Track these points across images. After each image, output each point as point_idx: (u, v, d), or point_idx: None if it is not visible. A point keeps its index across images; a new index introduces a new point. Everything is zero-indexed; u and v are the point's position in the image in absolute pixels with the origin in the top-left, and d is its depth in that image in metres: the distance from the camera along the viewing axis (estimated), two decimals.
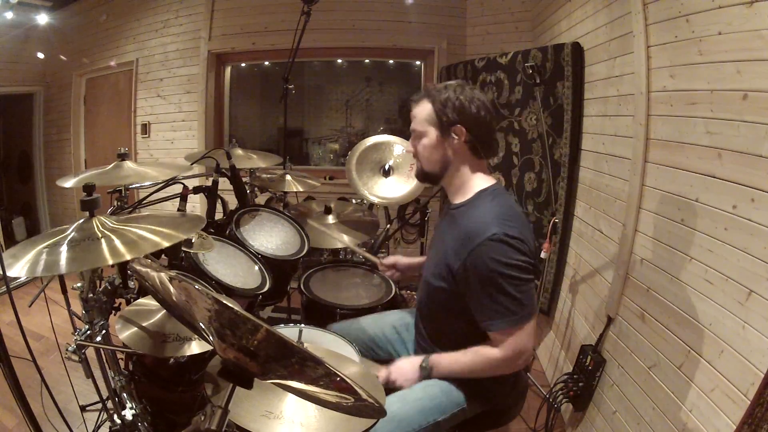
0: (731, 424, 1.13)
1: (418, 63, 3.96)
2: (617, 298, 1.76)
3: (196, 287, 0.67)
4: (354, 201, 2.54)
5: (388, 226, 2.73)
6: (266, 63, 4.21)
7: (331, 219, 2.19)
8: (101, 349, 1.33)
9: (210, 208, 1.85)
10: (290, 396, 0.99)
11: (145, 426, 1.39)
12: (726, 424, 1.15)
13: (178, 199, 1.70)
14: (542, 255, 2.15)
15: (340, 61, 4.21)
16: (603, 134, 2.07)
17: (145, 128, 4.22)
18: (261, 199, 2.40)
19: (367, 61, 4.15)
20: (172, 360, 1.38)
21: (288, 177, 2.32)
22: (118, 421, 1.37)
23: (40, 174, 4.82)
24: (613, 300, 1.79)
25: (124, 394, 1.39)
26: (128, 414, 1.37)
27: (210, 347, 0.92)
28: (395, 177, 2.31)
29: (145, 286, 0.93)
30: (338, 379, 0.67)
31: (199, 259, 1.53)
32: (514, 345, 1.16)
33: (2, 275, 0.91)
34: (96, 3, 4.34)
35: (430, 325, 1.38)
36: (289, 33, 2.38)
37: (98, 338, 1.28)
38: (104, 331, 1.30)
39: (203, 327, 0.74)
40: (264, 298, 1.62)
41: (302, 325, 1.57)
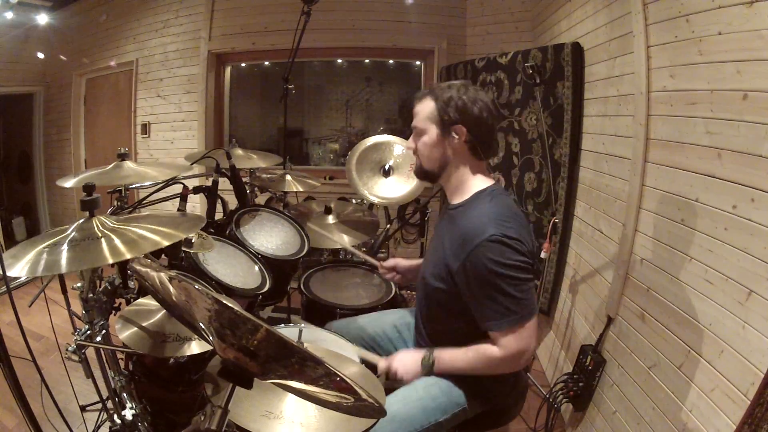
0: (731, 424, 1.13)
1: (418, 63, 3.96)
2: (617, 298, 1.76)
3: (196, 287, 0.67)
4: (354, 201, 2.54)
5: (388, 226, 2.73)
6: (266, 63, 4.21)
7: (331, 219, 2.19)
8: (101, 349, 1.33)
9: (210, 208, 1.85)
10: (290, 396, 0.99)
11: (145, 426, 1.39)
12: (726, 424, 1.15)
13: (178, 199, 1.70)
14: (542, 255, 2.15)
15: (340, 61, 4.21)
16: (603, 134, 2.07)
17: (145, 128, 4.22)
18: (261, 199, 2.41)
19: (367, 61, 4.15)
20: (172, 360, 1.38)
21: (288, 177, 2.32)
22: (118, 421, 1.37)
23: (40, 174, 4.82)
24: (613, 300, 1.79)
25: (124, 394, 1.39)
26: (128, 414, 1.37)
27: (210, 347, 0.92)
28: (395, 177, 2.31)
29: (145, 286, 0.93)
30: (338, 379, 0.67)
31: (199, 259, 1.53)
32: (515, 344, 1.16)
33: (2, 275, 0.91)
34: (96, 3, 4.35)
35: (430, 325, 1.38)
36: (289, 33, 2.38)
37: (98, 338, 1.28)
38: (104, 331, 1.30)
39: (203, 327, 0.74)
40: (264, 298, 1.62)
41: (302, 324, 1.57)
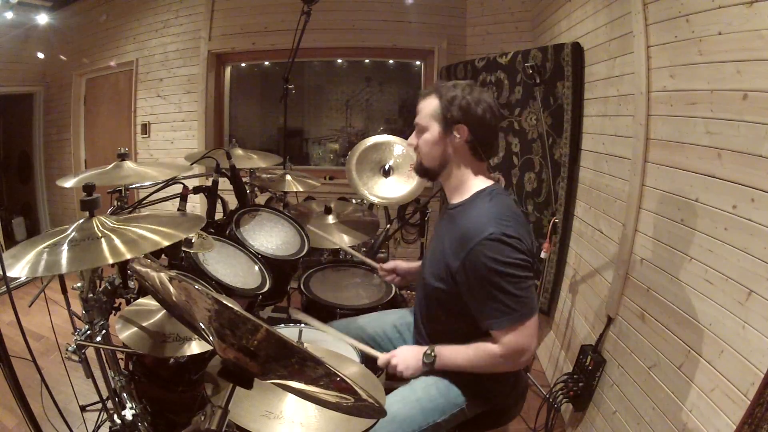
0: (731, 424, 1.13)
1: (418, 63, 3.96)
2: (617, 298, 1.76)
3: (196, 287, 0.67)
4: (354, 201, 2.54)
5: (388, 226, 2.73)
6: (266, 63, 4.21)
7: (331, 219, 2.19)
8: (101, 349, 1.33)
9: (210, 208, 1.85)
10: (290, 396, 0.99)
11: (145, 426, 1.39)
12: (726, 424, 1.15)
13: (178, 199, 1.70)
14: (542, 255, 2.15)
15: (340, 61, 4.20)
16: (603, 134, 2.07)
17: (145, 128, 4.22)
18: (261, 199, 2.40)
19: (367, 61, 4.15)
20: (172, 360, 1.38)
21: (288, 177, 2.32)
22: (118, 421, 1.37)
23: (40, 174, 4.82)
24: (613, 300, 1.79)
25: (124, 394, 1.39)
26: (128, 414, 1.36)
27: (210, 347, 0.92)
28: (395, 177, 2.31)
29: (145, 286, 0.93)
30: (338, 379, 0.67)
31: (199, 259, 1.53)
32: (515, 343, 1.15)
33: (2, 275, 0.91)
34: (96, 3, 4.34)
35: (430, 326, 1.38)
36: (289, 33, 2.38)
37: (98, 338, 1.28)
38: (104, 331, 1.30)
39: (203, 327, 0.74)
40: (264, 298, 1.62)
41: (302, 324, 1.57)
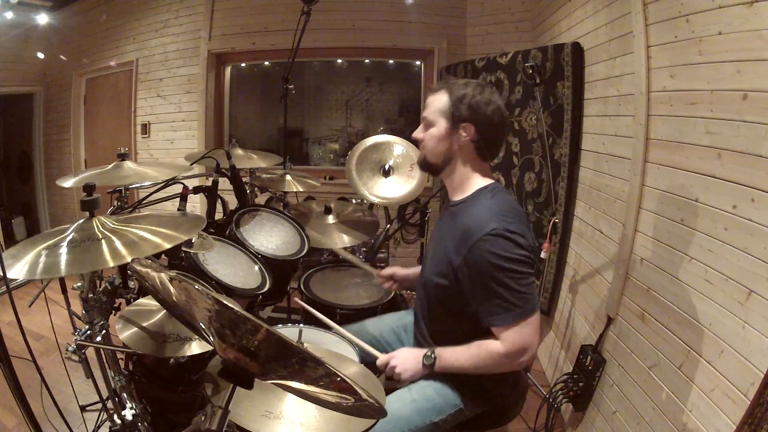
0: (731, 424, 1.13)
1: (418, 63, 3.96)
2: (617, 298, 1.76)
3: (196, 287, 0.67)
4: (354, 201, 2.54)
5: (388, 226, 2.72)
6: (266, 63, 4.21)
7: (331, 219, 2.19)
8: (101, 349, 1.33)
9: (210, 208, 1.85)
10: (290, 396, 0.99)
11: (145, 426, 1.39)
12: (726, 424, 1.15)
13: (178, 199, 1.70)
14: (542, 255, 2.15)
15: (340, 61, 4.20)
16: (603, 134, 2.07)
17: (145, 128, 4.22)
18: (261, 199, 2.40)
19: (367, 61, 4.15)
20: (172, 360, 1.38)
21: (288, 177, 2.32)
22: (118, 421, 1.37)
23: (40, 174, 4.81)
24: (613, 300, 1.79)
25: (124, 394, 1.39)
26: (128, 414, 1.36)
27: (210, 347, 0.92)
28: (395, 177, 2.31)
29: (145, 286, 0.93)
30: (338, 379, 0.67)
31: (199, 259, 1.53)
32: (518, 340, 1.14)
33: (2, 275, 0.91)
34: (96, 3, 4.34)
35: (431, 325, 1.37)
36: (289, 33, 2.38)
37: (98, 338, 1.28)
38: (104, 331, 1.30)
39: (203, 327, 0.74)
40: (264, 298, 1.62)
41: (302, 325, 1.57)
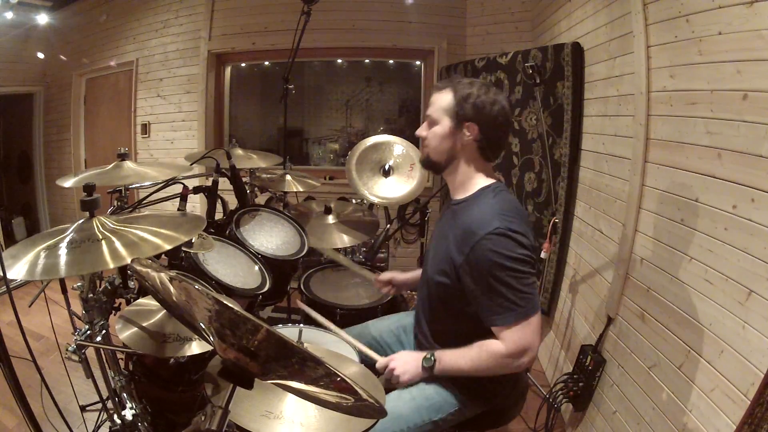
0: (731, 424, 1.13)
1: (418, 63, 3.96)
2: (617, 298, 1.76)
3: (196, 287, 0.67)
4: (354, 201, 2.54)
5: (388, 226, 2.72)
6: (266, 63, 4.21)
7: (331, 219, 2.19)
8: (101, 349, 1.33)
9: (210, 208, 1.85)
10: (290, 396, 0.99)
11: (145, 426, 1.39)
12: (726, 424, 1.15)
13: (178, 199, 1.70)
14: (542, 255, 2.15)
15: (340, 61, 4.20)
16: (603, 134, 2.07)
17: (145, 128, 4.22)
18: (261, 199, 2.40)
19: (367, 61, 4.15)
20: (172, 360, 1.38)
21: (288, 177, 2.32)
22: (118, 421, 1.37)
23: (40, 174, 4.81)
24: (613, 300, 1.79)
25: (124, 394, 1.39)
26: (128, 414, 1.36)
27: (210, 347, 0.92)
28: (395, 177, 2.31)
29: (145, 286, 0.93)
30: (338, 379, 0.67)
31: (199, 259, 1.53)
32: (519, 340, 1.14)
33: (2, 276, 0.91)
34: (96, 3, 4.34)
35: (432, 324, 1.37)
36: (289, 33, 2.38)
37: (98, 338, 1.28)
38: (104, 331, 1.30)
39: (203, 327, 0.74)
40: (264, 298, 1.62)
41: (302, 325, 1.57)
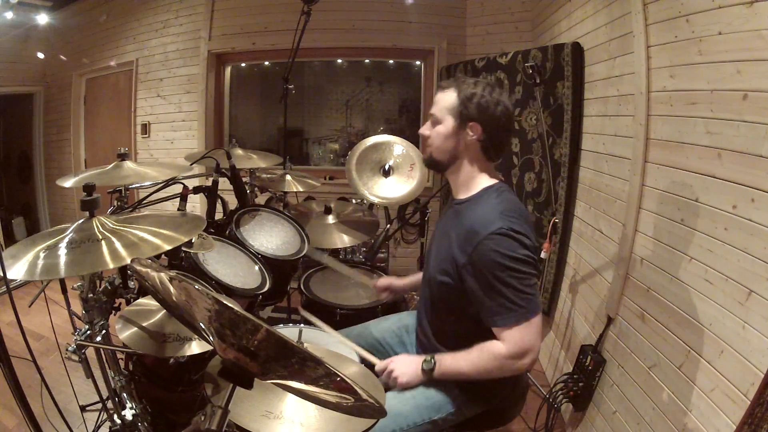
0: (731, 424, 1.13)
1: (418, 63, 3.96)
2: (617, 298, 1.76)
3: (196, 287, 0.67)
4: (354, 201, 2.54)
5: (388, 226, 2.72)
6: (266, 63, 4.21)
7: (331, 219, 2.19)
8: (101, 349, 1.33)
9: (210, 208, 1.85)
10: (290, 396, 0.99)
11: (145, 426, 1.39)
12: (726, 424, 1.15)
13: (178, 199, 1.70)
14: (542, 255, 2.14)
15: (340, 61, 4.20)
16: (603, 134, 2.07)
17: (145, 128, 4.22)
18: (261, 199, 2.40)
19: (367, 61, 4.15)
20: (172, 360, 1.37)
21: (288, 177, 2.33)
22: (118, 421, 1.37)
23: (40, 174, 4.81)
24: (613, 300, 1.79)
25: (124, 394, 1.39)
26: (128, 414, 1.36)
27: (210, 347, 0.92)
28: (395, 177, 2.31)
29: (145, 286, 0.93)
30: (338, 379, 0.67)
31: (199, 259, 1.53)
32: (520, 340, 1.13)
33: (2, 276, 0.91)
34: (96, 3, 4.34)
35: (434, 323, 1.37)
36: (289, 33, 2.38)
37: (98, 338, 1.28)
38: (104, 331, 1.30)
39: (203, 327, 0.74)
40: (264, 298, 1.62)
41: (302, 325, 1.57)
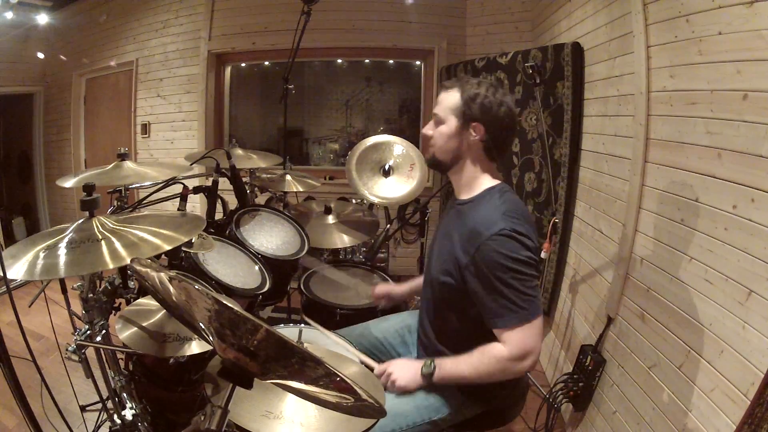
0: (731, 424, 1.13)
1: (418, 63, 3.96)
2: (617, 298, 1.76)
3: (196, 287, 0.67)
4: (354, 201, 2.54)
5: (388, 226, 2.72)
6: (266, 63, 4.21)
7: (331, 219, 2.19)
8: (101, 349, 1.33)
9: (210, 208, 1.85)
10: (290, 396, 0.99)
11: (145, 426, 1.39)
12: (726, 424, 1.15)
13: (178, 199, 1.70)
14: (542, 255, 2.14)
15: (340, 61, 4.21)
16: (603, 134, 2.07)
17: (145, 128, 4.22)
18: (261, 199, 2.40)
19: (367, 61, 4.15)
20: (172, 360, 1.37)
21: (288, 177, 2.33)
22: (118, 421, 1.37)
23: (40, 174, 4.81)
24: (613, 300, 1.79)
25: (124, 394, 1.39)
26: (128, 414, 1.36)
27: (210, 347, 0.92)
28: (395, 177, 2.31)
29: (145, 286, 0.93)
30: (338, 379, 0.67)
31: (199, 259, 1.52)
32: (521, 342, 1.13)
33: (2, 276, 0.91)
34: (96, 3, 4.34)
35: (436, 324, 1.36)
36: (289, 33, 2.38)
37: (98, 338, 1.28)
38: (104, 331, 1.30)
39: (203, 327, 0.74)
40: (264, 298, 1.62)
41: (302, 325, 1.57)
